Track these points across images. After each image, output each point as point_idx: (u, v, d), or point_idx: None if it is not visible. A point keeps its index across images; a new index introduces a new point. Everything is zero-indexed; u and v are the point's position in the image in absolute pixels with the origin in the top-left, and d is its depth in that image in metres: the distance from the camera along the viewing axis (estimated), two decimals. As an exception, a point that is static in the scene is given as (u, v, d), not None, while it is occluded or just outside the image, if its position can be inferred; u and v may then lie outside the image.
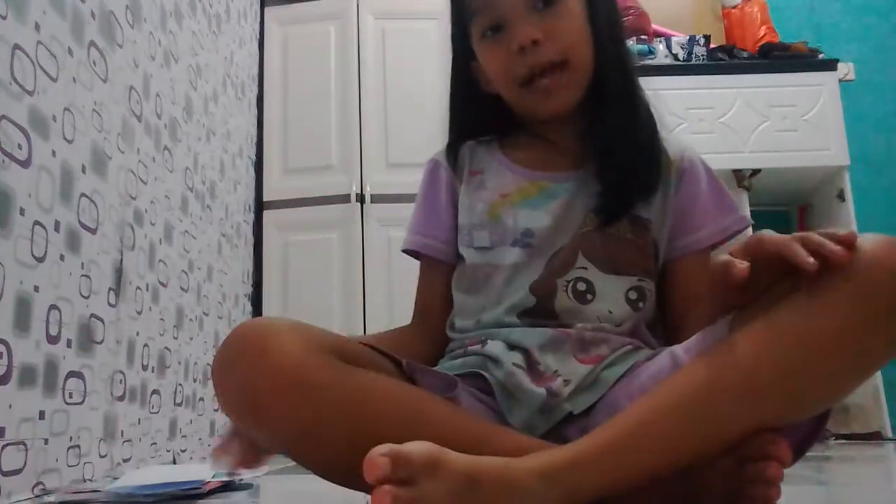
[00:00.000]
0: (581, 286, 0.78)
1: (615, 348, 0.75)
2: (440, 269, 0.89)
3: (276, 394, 0.56)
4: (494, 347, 0.75)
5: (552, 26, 0.78)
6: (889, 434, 2.30)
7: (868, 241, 0.53)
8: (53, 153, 1.11)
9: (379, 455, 0.47)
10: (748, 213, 0.86)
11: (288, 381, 0.56)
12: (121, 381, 1.34)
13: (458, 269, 0.87)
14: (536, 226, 0.80)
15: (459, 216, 0.87)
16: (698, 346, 0.66)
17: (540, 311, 0.77)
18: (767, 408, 0.55)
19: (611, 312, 0.77)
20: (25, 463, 1.00)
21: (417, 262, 0.93)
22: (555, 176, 0.84)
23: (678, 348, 0.69)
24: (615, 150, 0.80)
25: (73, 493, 1.02)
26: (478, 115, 0.91)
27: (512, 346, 0.76)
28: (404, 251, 0.92)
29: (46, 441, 1.06)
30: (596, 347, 0.75)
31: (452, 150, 0.91)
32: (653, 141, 0.83)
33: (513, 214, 0.82)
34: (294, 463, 0.63)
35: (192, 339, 1.80)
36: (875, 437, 2.30)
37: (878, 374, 2.32)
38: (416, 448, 0.49)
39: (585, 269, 0.78)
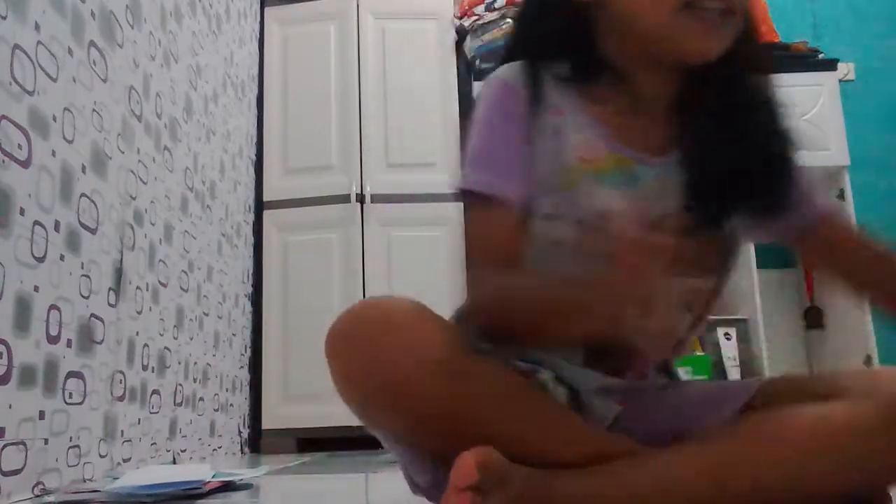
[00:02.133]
0: None
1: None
2: (514, 217, 0.71)
3: (421, 372, 0.58)
4: (545, 377, 0.70)
5: None
6: (889, 434, 2.30)
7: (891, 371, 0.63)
8: (53, 153, 1.11)
9: (473, 462, 0.49)
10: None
11: (433, 363, 0.58)
12: (121, 381, 1.34)
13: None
14: (612, 210, 0.67)
15: (538, 163, 0.71)
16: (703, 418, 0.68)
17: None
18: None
19: (668, 320, 0.73)
20: (25, 463, 1.00)
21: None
22: (641, 157, 0.72)
23: (691, 391, 0.74)
24: (721, 142, 0.70)
25: (73, 493, 1.02)
26: (555, 30, 0.74)
27: (559, 380, 0.70)
28: (467, 191, 0.71)
29: (46, 441, 1.05)
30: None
31: (532, 71, 0.73)
32: (780, 149, 0.71)
33: (590, 190, 0.70)
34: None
35: (192, 339, 1.80)
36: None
37: (878, 374, 2.31)
38: (497, 459, 0.52)
39: None
